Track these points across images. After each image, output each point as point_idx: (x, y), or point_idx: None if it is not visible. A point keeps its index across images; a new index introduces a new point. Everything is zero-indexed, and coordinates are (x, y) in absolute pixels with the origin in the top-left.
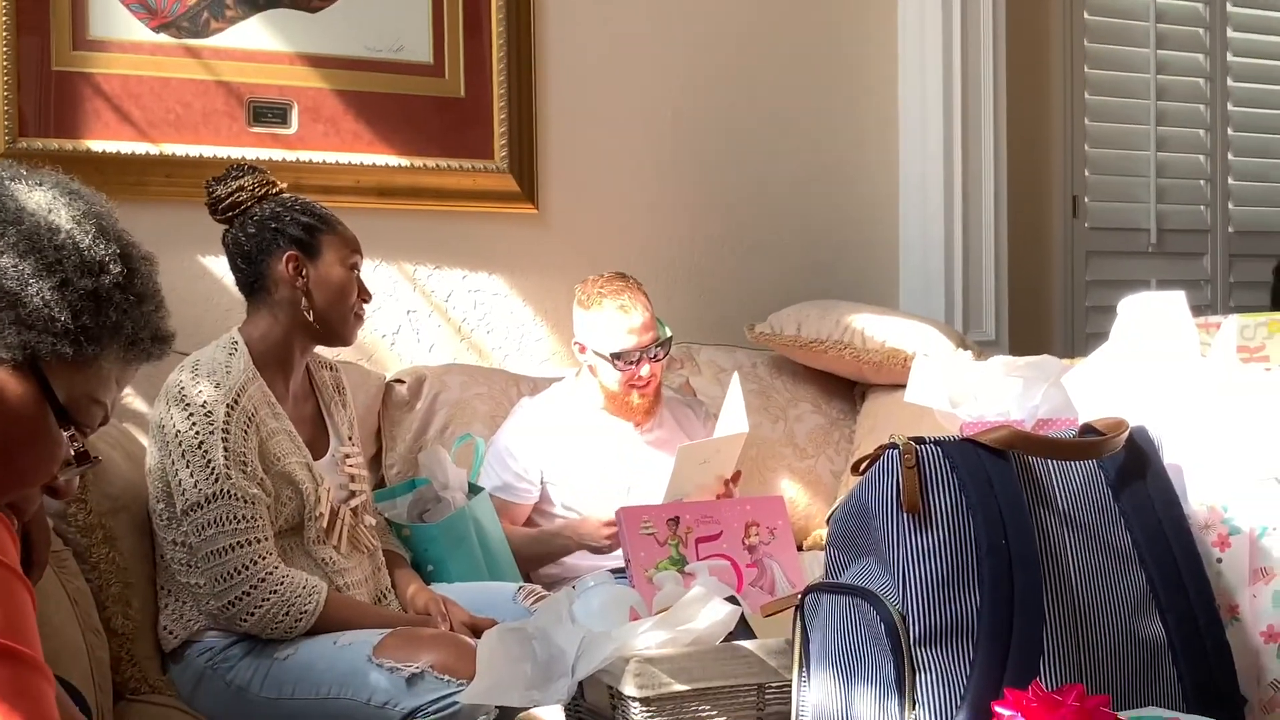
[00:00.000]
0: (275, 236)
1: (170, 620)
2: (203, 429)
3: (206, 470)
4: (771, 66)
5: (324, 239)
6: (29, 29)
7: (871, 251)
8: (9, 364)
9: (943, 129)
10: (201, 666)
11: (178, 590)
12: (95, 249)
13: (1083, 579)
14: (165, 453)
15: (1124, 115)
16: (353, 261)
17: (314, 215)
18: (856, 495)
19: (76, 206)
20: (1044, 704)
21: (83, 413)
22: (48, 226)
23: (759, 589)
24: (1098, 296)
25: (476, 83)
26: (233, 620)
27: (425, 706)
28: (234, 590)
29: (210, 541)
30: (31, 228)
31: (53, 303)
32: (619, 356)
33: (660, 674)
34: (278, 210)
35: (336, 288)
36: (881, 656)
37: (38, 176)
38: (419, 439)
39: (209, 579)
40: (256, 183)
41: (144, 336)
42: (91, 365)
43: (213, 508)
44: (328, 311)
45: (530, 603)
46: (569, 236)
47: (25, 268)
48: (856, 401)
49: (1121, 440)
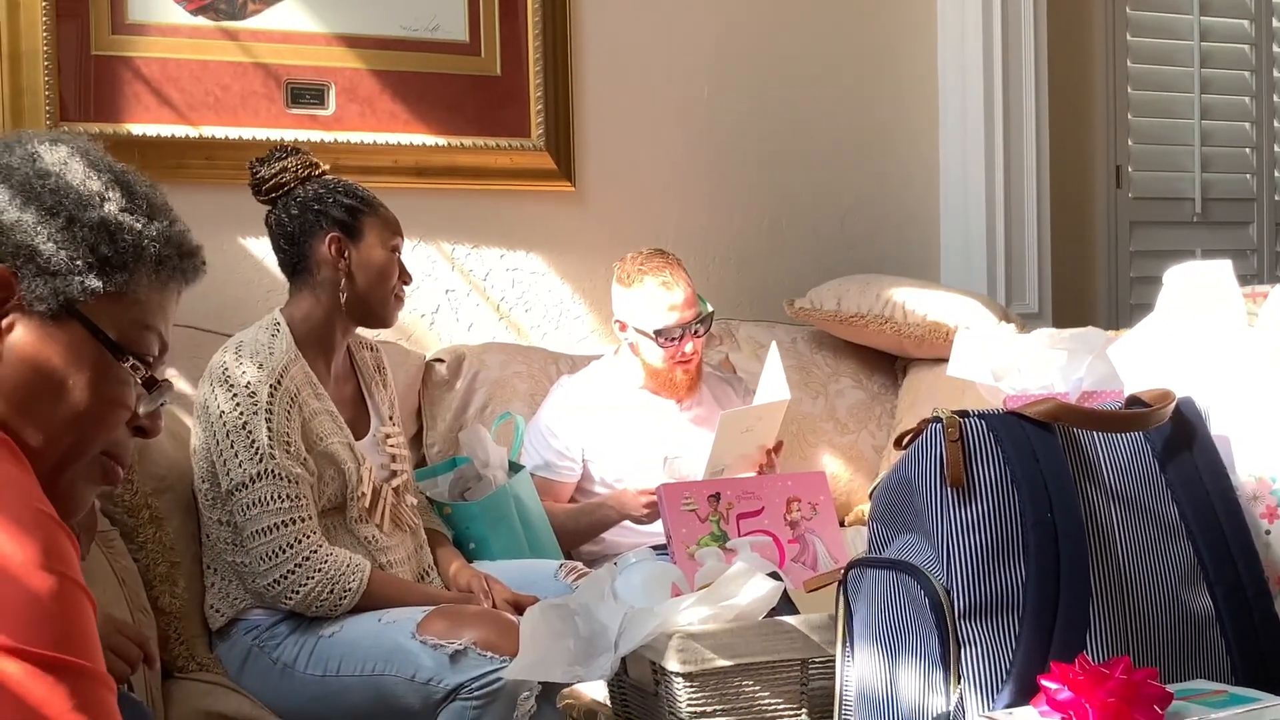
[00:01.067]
0: (318, 218)
1: (216, 599)
2: (246, 409)
3: (251, 450)
4: (807, 40)
5: (366, 221)
6: (68, 14)
7: (912, 224)
8: (47, 315)
9: (983, 99)
10: (248, 644)
11: (223, 569)
12: (88, 182)
13: (1129, 551)
14: (210, 433)
15: (1167, 83)
16: (394, 244)
17: (356, 197)
18: (899, 470)
19: (58, 151)
20: (1091, 677)
21: (137, 343)
22: (37, 174)
23: (801, 564)
24: (1142, 267)
25: (513, 61)
26: (278, 598)
27: (469, 683)
28: (279, 569)
29: (255, 521)
30: (22, 179)
31: (65, 243)
32: (662, 333)
33: (703, 649)
34: (320, 192)
35: (378, 269)
36: (926, 631)
37: (16, 134)
38: (459, 418)
39: (254, 558)
40: (300, 164)
41: (169, 254)
42: (127, 294)
43: (257, 487)
44: (369, 293)
45: (572, 579)
46: (606, 214)
47: (28, 218)
48: (898, 376)
49: (1168, 412)
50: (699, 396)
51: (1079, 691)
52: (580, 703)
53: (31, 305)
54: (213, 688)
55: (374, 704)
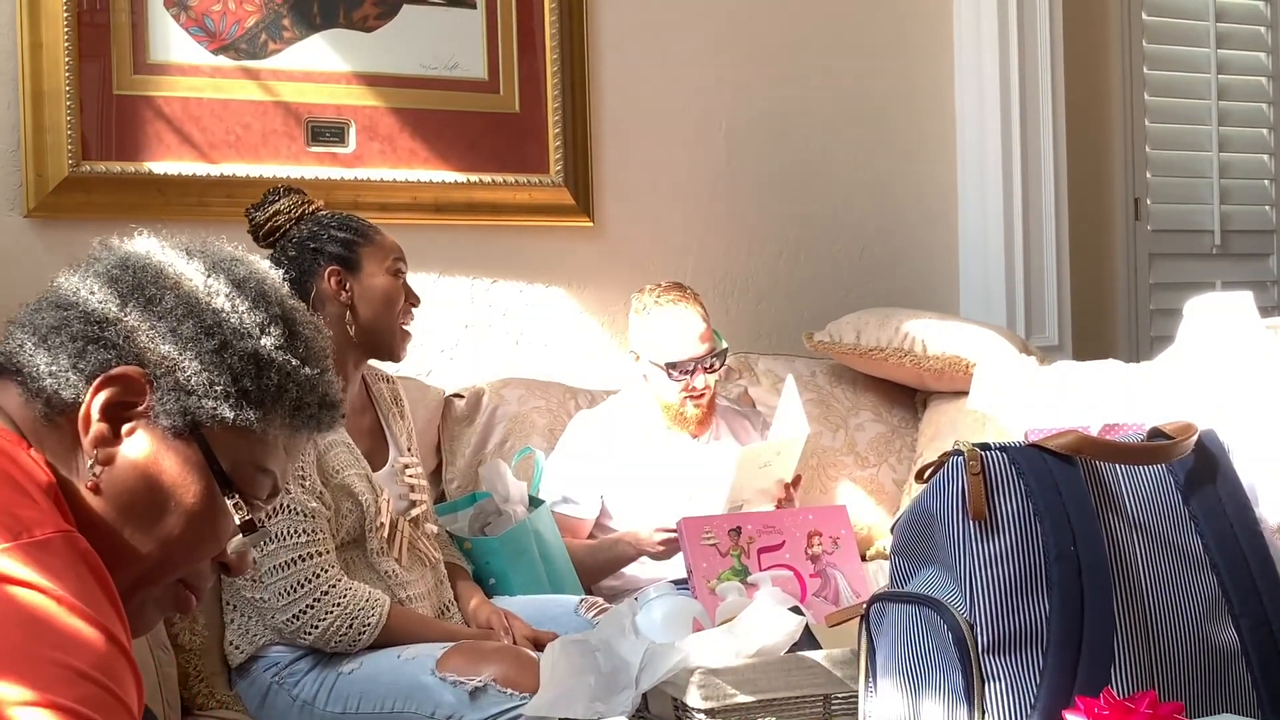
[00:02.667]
0: (315, 255)
1: (236, 635)
2: None
3: None
4: (824, 75)
5: (363, 250)
6: (90, 54)
7: (931, 257)
8: (171, 431)
9: (1001, 132)
10: (268, 681)
11: (243, 606)
12: (255, 311)
13: (1153, 584)
14: None
15: (1185, 116)
16: (396, 267)
17: (350, 230)
18: (921, 503)
19: (237, 271)
20: (1116, 711)
21: (248, 482)
22: (206, 290)
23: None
24: (1162, 300)
25: (531, 98)
26: (297, 634)
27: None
28: (298, 604)
29: (272, 556)
30: (190, 291)
31: (212, 366)
32: (674, 367)
33: (725, 685)
34: (315, 229)
35: (382, 296)
36: (949, 666)
37: (200, 243)
38: (478, 453)
39: (272, 594)
40: (292, 204)
41: (310, 401)
42: (254, 431)
43: (272, 523)
44: (375, 322)
45: (592, 615)
46: (625, 249)
47: (184, 331)
48: (918, 409)
49: (1190, 444)
50: (715, 430)
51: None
52: None
53: (157, 417)
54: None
55: None
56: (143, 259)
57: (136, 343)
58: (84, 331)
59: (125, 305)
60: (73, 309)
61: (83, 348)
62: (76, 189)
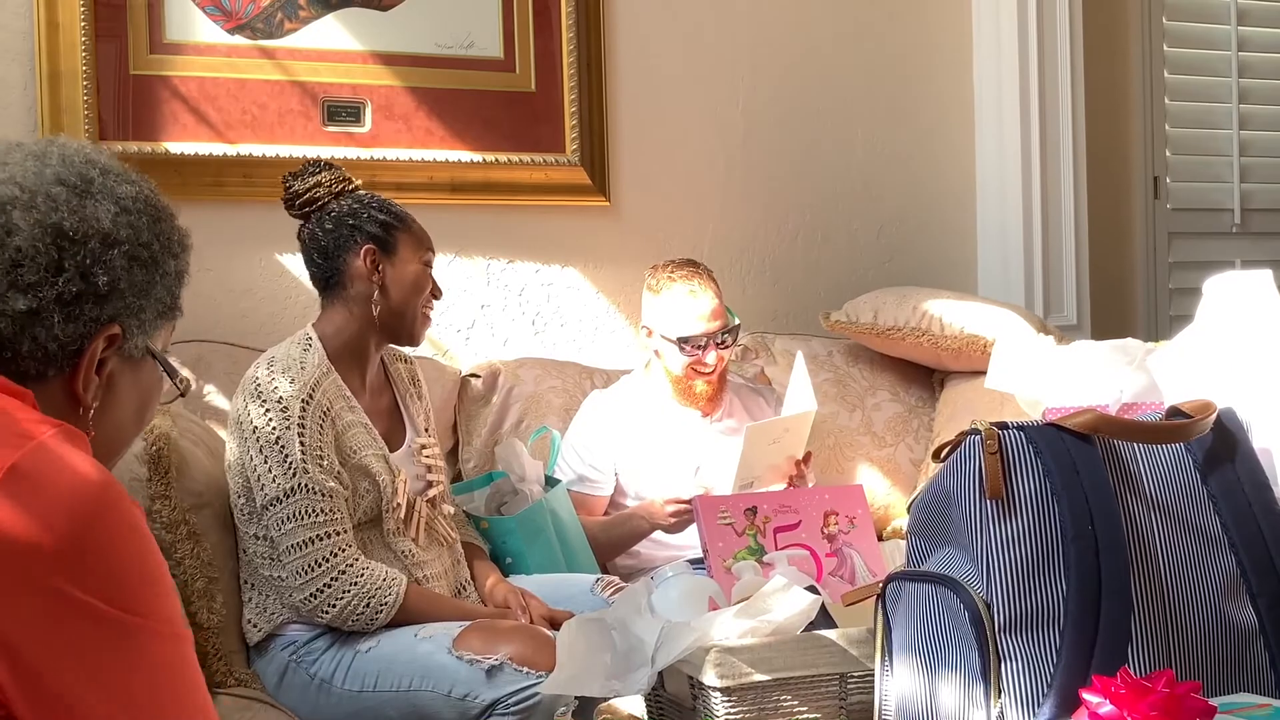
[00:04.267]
0: (353, 232)
1: (254, 614)
2: (279, 424)
3: (284, 465)
4: (842, 51)
5: (400, 235)
6: (107, 34)
7: (948, 236)
8: (137, 355)
9: (1020, 110)
10: (285, 660)
11: (260, 584)
12: (166, 233)
13: (1171, 564)
14: (244, 448)
15: (1205, 93)
16: (426, 258)
17: (390, 213)
18: (938, 482)
19: (135, 196)
20: (1133, 691)
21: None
22: (133, 232)
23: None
24: (1181, 279)
25: (547, 77)
26: (315, 612)
27: (505, 698)
28: (315, 583)
29: (290, 535)
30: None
31: (159, 295)
32: (686, 341)
33: (741, 664)
34: (355, 207)
35: (411, 282)
36: (966, 645)
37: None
38: (494, 433)
39: (290, 572)
40: (334, 179)
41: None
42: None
43: (291, 502)
44: (401, 307)
45: (608, 594)
46: (641, 228)
47: (136, 278)
48: (935, 389)
49: (1209, 423)
50: (729, 408)
51: (1121, 705)
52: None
53: (129, 354)
54: (251, 703)
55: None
56: (65, 219)
57: (106, 310)
58: (59, 311)
59: (86, 278)
60: (39, 291)
61: (63, 326)
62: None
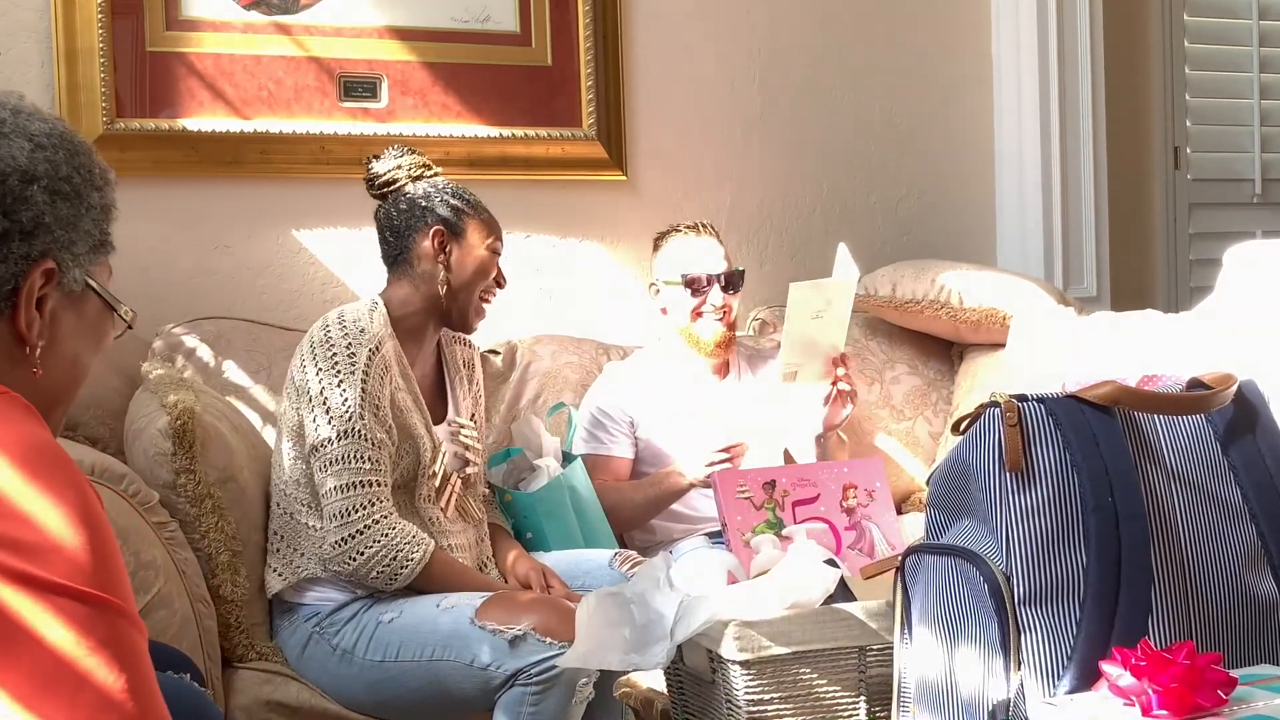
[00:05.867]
0: (424, 214)
1: (280, 563)
2: (344, 369)
3: (342, 408)
4: (859, 24)
5: (469, 221)
6: (123, 11)
7: (967, 208)
8: (75, 291)
9: (1039, 81)
10: (309, 631)
11: (293, 534)
12: (85, 166)
13: (1191, 535)
14: (302, 392)
15: (1225, 63)
16: (494, 245)
17: (462, 199)
18: (957, 455)
19: (47, 132)
20: (1153, 663)
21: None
22: (51, 167)
23: (858, 551)
24: (1201, 249)
25: (563, 51)
26: (341, 559)
27: (528, 668)
28: (346, 529)
29: (333, 477)
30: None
31: (87, 227)
32: (692, 283)
33: (760, 637)
34: (429, 190)
35: (476, 266)
36: (985, 617)
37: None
38: (512, 409)
39: (326, 515)
40: (413, 163)
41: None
42: (105, 257)
43: (341, 444)
44: (461, 290)
45: (626, 568)
46: (658, 203)
47: (62, 212)
48: (954, 362)
49: (1230, 394)
50: (738, 371)
51: (1141, 677)
52: (637, 691)
53: (67, 289)
54: (272, 676)
55: (431, 690)
56: None
57: (35, 246)
58: None
59: (10, 216)
60: None
61: None
62: (111, 147)
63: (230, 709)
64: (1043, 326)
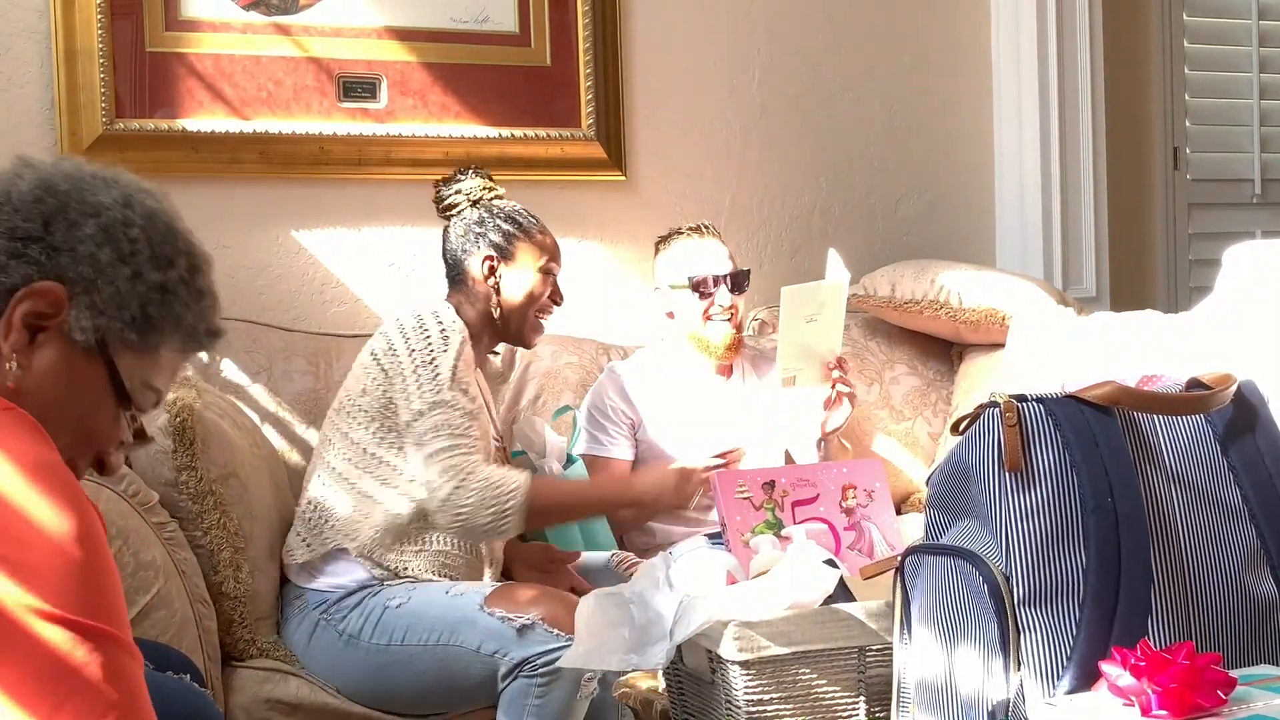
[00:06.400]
0: (478, 240)
1: (308, 531)
2: (438, 347)
3: (434, 382)
4: (859, 24)
5: (519, 245)
6: (122, 11)
7: (967, 208)
8: (81, 345)
9: (1038, 80)
10: (316, 619)
11: (332, 505)
12: (165, 245)
13: (1191, 536)
14: (393, 367)
15: (1225, 63)
16: (549, 267)
17: (514, 223)
18: (956, 455)
19: (149, 204)
20: (1153, 663)
21: (140, 397)
22: (123, 220)
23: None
24: (1201, 250)
25: (563, 51)
26: (452, 516)
27: (534, 658)
28: (445, 487)
29: (431, 444)
30: (109, 221)
31: (125, 292)
32: (698, 285)
33: (759, 637)
34: (484, 215)
35: (525, 290)
36: (985, 618)
37: (112, 174)
38: (512, 410)
39: (429, 480)
40: (474, 187)
41: (200, 330)
42: (152, 353)
43: (440, 412)
44: (513, 312)
45: (625, 569)
46: (657, 203)
47: (102, 257)
48: (954, 362)
49: (1229, 394)
50: (743, 373)
51: (1141, 677)
52: (636, 691)
53: (70, 331)
54: (271, 674)
55: (436, 674)
56: (66, 185)
57: (58, 262)
58: (8, 247)
59: (49, 226)
60: None
61: (5, 262)
62: (111, 147)
63: (230, 708)
64: (1042, 327)
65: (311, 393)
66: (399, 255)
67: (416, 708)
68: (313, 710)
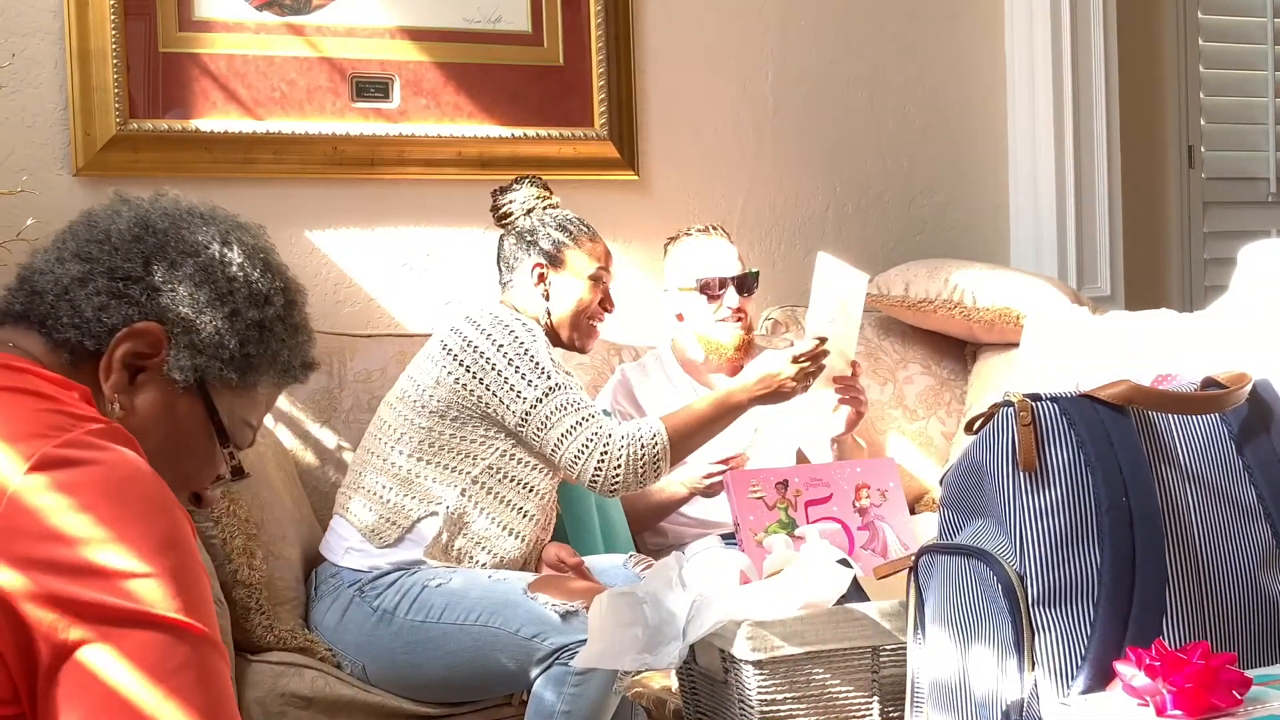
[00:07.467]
0: (528, 249)
1: (362, 521)
2: (527, 340)
3: (537, 371)
4: (872, 22)
5: (568, 253)
6: (136, 12)
7: (981, 207)
8: (180, 385)
9: (1052, 79)
10: (350, 597)
11: (378, 487)
12: (263, 282)
13: (1206, 535)
14: (480, 368)
15: (1240, 61)
16: (598, 275)
17: (565, 231)
18: (970, 455)
19: (246, 242)
20: (1168, 663)
21: (238, 434)
22: (221, 259)
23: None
24: (1216, 248)
25: (575, 51)
26: (607, 485)
27: (573, 645)
28: (590, 460)
29: (559, 424)
30: (207, 260)
31: (224, 331)
32: (707, 287)
33: (773, 637)
34: (535, 224)
35: (575, 298)
36: (999, 618)
37: (209, 210)
38: None
39: (566, 462)
40: (528, 196)
41: (296, 364)
42: (250, 390)
43: (551, 399)
44: (564, 319)
45: (639, 569)
46: (670, 202)
47: (200, 296)
48: (967, 362)
49: (1244, 393)
50: None
51: (1156, 677)
52: (649, 691)
53: (170, 371)
54: (287, 669)
55: (469, 655)
56: (164, 223)
57: (158, 302)
58: (109, 287)
59: (149, 266)
60: (97, 264)
61: (106, 302)
62: (124, 147)
63: (245, 702)
64: (1057, 326)
65: (324, 391)
66: (412, 255)
67: (437, 693)
68: (327, 703)
